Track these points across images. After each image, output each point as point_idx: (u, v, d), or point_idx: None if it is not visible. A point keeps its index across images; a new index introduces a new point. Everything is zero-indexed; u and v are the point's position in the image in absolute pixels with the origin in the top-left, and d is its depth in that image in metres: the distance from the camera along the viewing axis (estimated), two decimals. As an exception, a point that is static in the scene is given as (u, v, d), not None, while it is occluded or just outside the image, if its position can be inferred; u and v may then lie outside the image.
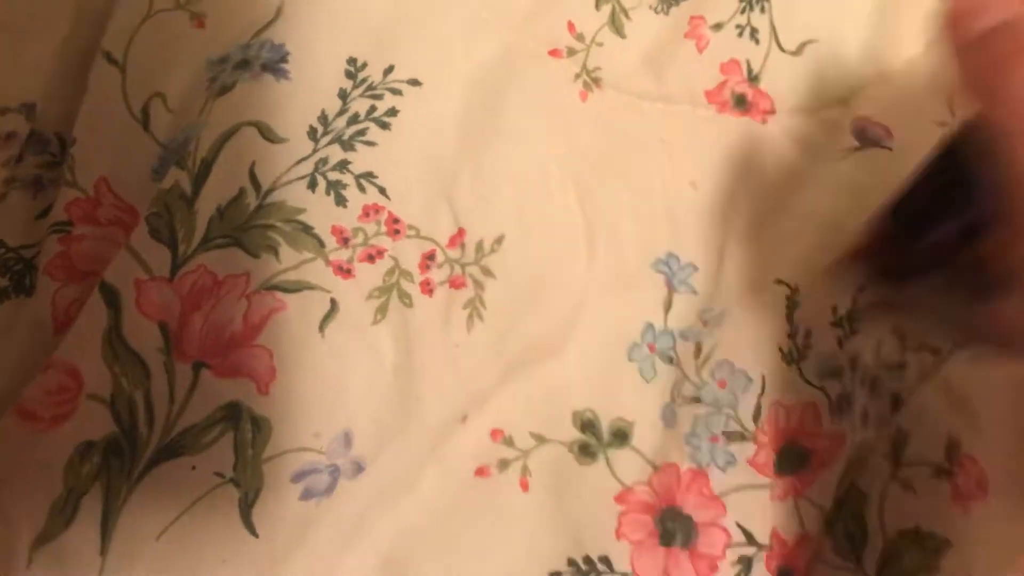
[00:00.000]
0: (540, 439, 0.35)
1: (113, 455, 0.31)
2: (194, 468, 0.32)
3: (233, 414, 0.32)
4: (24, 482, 0.31)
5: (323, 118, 0.36)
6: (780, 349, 0.37)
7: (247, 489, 0.32)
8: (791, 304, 0.38)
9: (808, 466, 0.36)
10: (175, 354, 0.32)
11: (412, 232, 0.36)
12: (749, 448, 0.36)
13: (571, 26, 0.42)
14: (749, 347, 0.37)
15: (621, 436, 0.36)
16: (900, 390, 0.38)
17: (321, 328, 0.33)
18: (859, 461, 0.37)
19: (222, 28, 0.37)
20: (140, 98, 0.36)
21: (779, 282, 0.38)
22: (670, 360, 0.37)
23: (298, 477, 0.32)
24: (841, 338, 0.38)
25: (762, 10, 0.43)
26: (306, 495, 0.32)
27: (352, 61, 0.37)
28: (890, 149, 0.40)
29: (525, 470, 0.35)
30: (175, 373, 0.32)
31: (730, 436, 0.36)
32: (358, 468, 0.33)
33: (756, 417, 0.36)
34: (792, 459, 0.36)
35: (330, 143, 0.36)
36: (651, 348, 0.37)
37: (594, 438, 0.35)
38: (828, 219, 0.39)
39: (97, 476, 0.31)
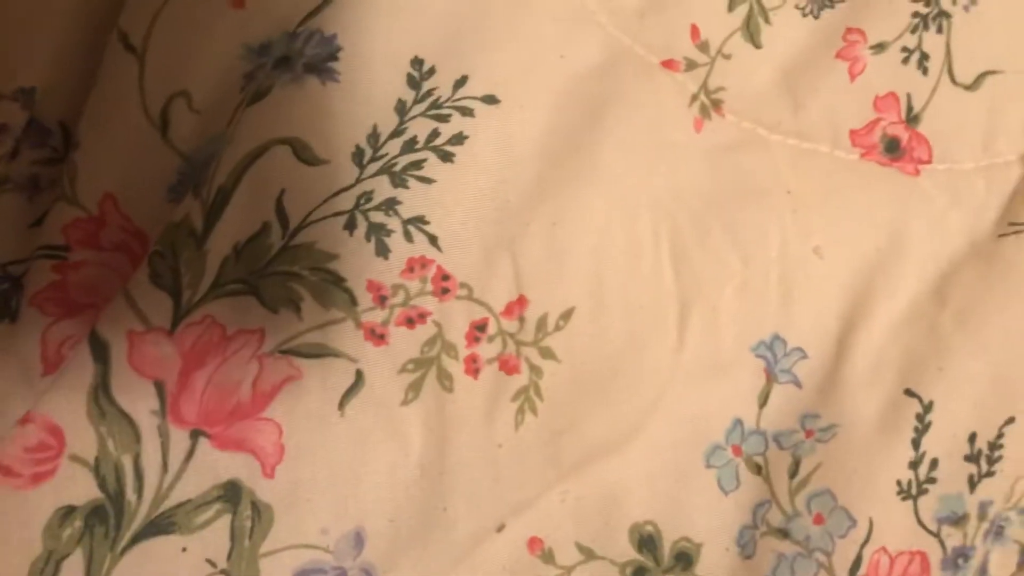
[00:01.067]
0: (589, 554, 0.30)
1: (97, 521, 0.28)
2: (185, 550, 0.28)
3: (232, 495, 0.28)
4: (2, 539, 0.28)
5: (374, 137, 0.30)
6: (898, 482, 0.30)
7: (240, 585, 0.28)
8: (921, 425, 0.31)
9: (906, 630, 0.30)
10: (171, 418, 0.28)
11: (464, 292, 0.30)
12: (839, 607, 0.30)
13: (695, 31, 0.33)
14: (860, 478, 0.30)
15: (684, 560, 0.30)
16: (1035, 542, 0.31)
17: (342, 405, 0.28)
18: (970, 627, 0.30)
19: (265, 8, 0.30)
20: (160, 96, 0.29)
21: (910, 393, 0.31)
22: (758, 470, 0.31)
23: (299, 577, 0.28)
24: (975, 477, 0.31)
25: (939, 29, 0.34)
26: (306, 600, 0.28)
27: (417, 63, 0.30)
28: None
29: (566, 592, 0.29)
30: (170, 439, 0.28)
31: (820, 587, 0.30)
32: (368, 579, 0.28)
33: (854, 571, 0.30)
34: (888, 621, 0.30)
35: (378, 172, 0.29)
36: (736, 451, 0.31)
37: (652, 560, 0.30)
38: (982, 317, 0.32)
39: (79, 541, 0.28)
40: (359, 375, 0.29)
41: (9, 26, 0.28)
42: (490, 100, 0.30)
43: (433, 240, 0.29)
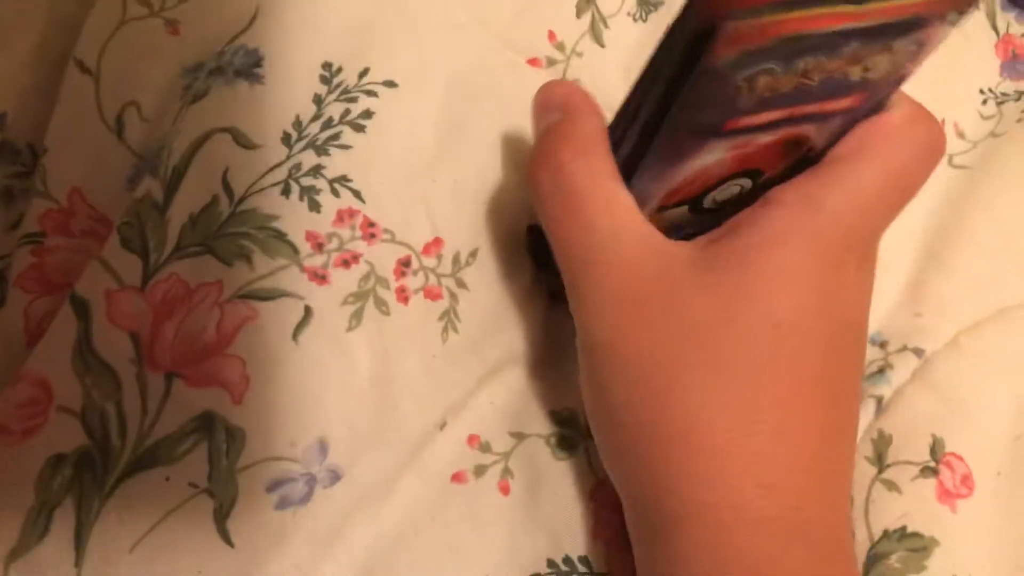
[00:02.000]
0: (519, 437, 0.35)
1: (85, 467, 0.31)
2: (168, 479, 0.31)
3: (207, 424, 0.32)
4: (-3, 496, 0.31)
5: (297, 124, 0.36)
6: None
7: (222, 499, 0.31)
8: None
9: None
10: (147, 364, 0.32)
11: (387, 236, 0.35)
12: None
13: (551, 35, 0.41)
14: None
15: None
16: (883, 394, 0.37)
17: (295, 336, 0.33)
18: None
19: (197, 35, 0.37)
20: (114, 107, 0.35)
21: None
22: None
23: (273, 486, 0.32)
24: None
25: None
26: (282, 504, 0.32)
27: (327, 66, 0.37)
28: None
29: (506, 472, 0.34)
30: (147, 384, 0.32)
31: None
32: (335, 476, 0.32)
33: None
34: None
35: (304, 148, 0.35)
36: None
37: (573, 430, 0.35)
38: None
39: (69, 488, 0.31)
40: (307, 310, 0.33)
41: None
42: (389, 84, 0.37)
43: (357, 194, 0.35)
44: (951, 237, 0.41)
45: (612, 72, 0.42)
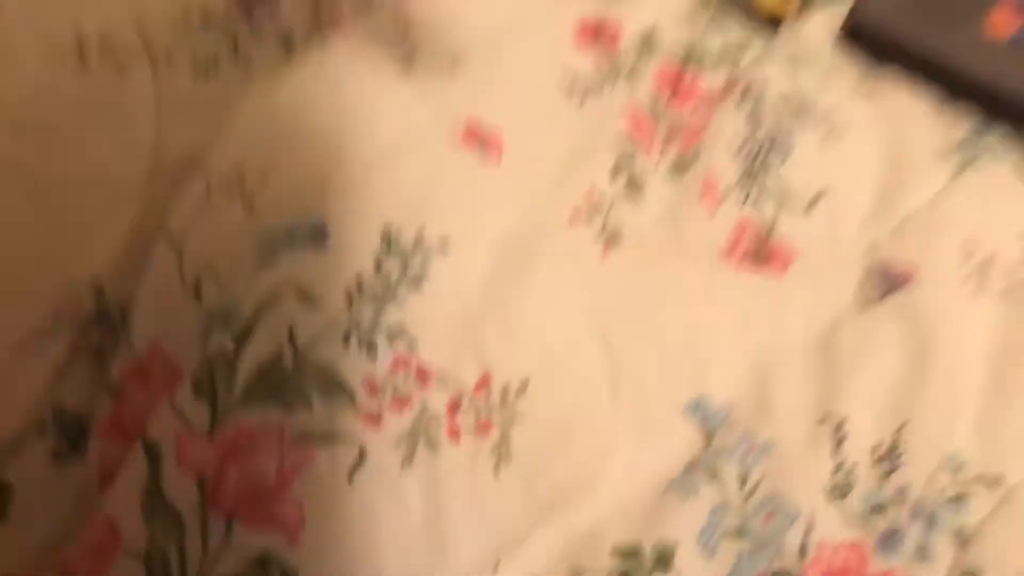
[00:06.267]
0: (577, 572, 0.34)
1: None
2: (224, 623, 0.32)
3: (263, 565, 0.33)
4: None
5: (359, 284, 0.38)
6: (823, 487, 0.36)
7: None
8: (838, 437, 0.37)
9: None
10: (210, 507, 0.33)
11: (440, 379, 0.37)
12: (797, 584, 0.34)
13: (591, 191, 0.44)
14: (796, 485, 0.36)
15: (664, 560, 0.34)
16: (964, 525, 0.35)
17: (350, 477, 0.34)
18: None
19: (272, 214, 0.41)
20: (194, 273, 0.39)
21: (827, 415, 0.37)
22: (713, 477, 0.36)
23: (328, 630, 0.32)
24: (887, 471, 0.36)
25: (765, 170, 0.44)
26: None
27: (387, 231, 0.40)
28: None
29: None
30: (209, 527, 0.33)
31: (777, 575, 0.34)
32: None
33: (803, 553, 0.34)
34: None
35: (365, 304, 0.38)
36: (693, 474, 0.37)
37: (636, 564, 0.34)
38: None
39: None
40: (362, 451, 0.35)
41: (84, 228, 0.39)
42: (444, 241, 0.39)
43: (412, 344, 0.37)
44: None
45: (649, 218, 0.43)
